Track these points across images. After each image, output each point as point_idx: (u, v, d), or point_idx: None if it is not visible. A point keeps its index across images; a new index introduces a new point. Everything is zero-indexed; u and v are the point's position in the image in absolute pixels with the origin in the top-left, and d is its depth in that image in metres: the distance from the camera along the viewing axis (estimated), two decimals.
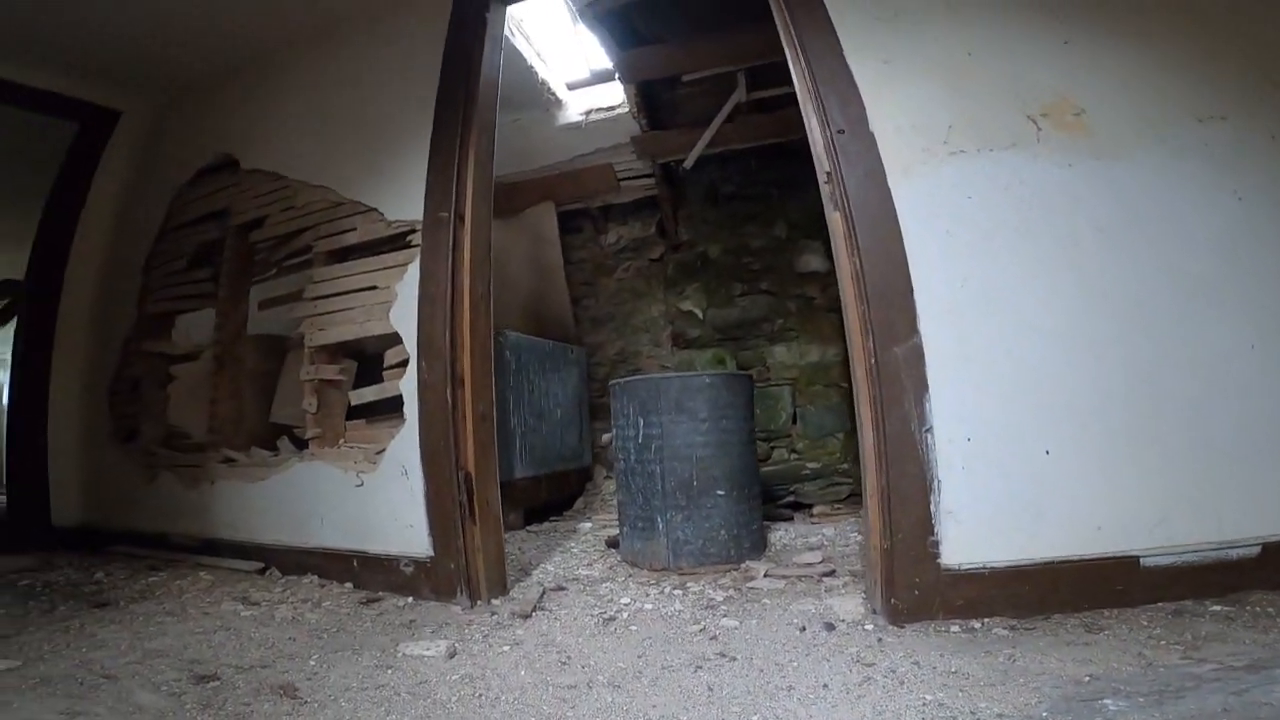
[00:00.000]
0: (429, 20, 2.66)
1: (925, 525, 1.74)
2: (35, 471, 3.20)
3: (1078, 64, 1.93)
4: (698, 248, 4.37)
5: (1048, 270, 1.82)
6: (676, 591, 2.23)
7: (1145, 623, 1.60)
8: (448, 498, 2.19)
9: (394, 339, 2.39)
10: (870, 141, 1.93)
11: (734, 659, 1.62)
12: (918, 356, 1.79)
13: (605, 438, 3.44)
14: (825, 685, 1.44)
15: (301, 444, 2.67)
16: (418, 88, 2.61)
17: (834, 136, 1.96)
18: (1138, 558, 1.69)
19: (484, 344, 2.30)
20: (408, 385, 2.32)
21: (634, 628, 1.92)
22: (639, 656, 1.68)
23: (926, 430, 1.76)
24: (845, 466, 3.83)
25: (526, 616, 2.03)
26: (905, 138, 1.94)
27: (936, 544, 1.73)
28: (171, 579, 2.52)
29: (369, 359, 2.63)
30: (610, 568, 2.62)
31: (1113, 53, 1.94)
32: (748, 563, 2.47)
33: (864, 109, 1.96)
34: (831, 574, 2.30)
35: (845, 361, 3.79)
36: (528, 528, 3.55)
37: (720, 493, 2.48)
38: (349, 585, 2.39)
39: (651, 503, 2.51)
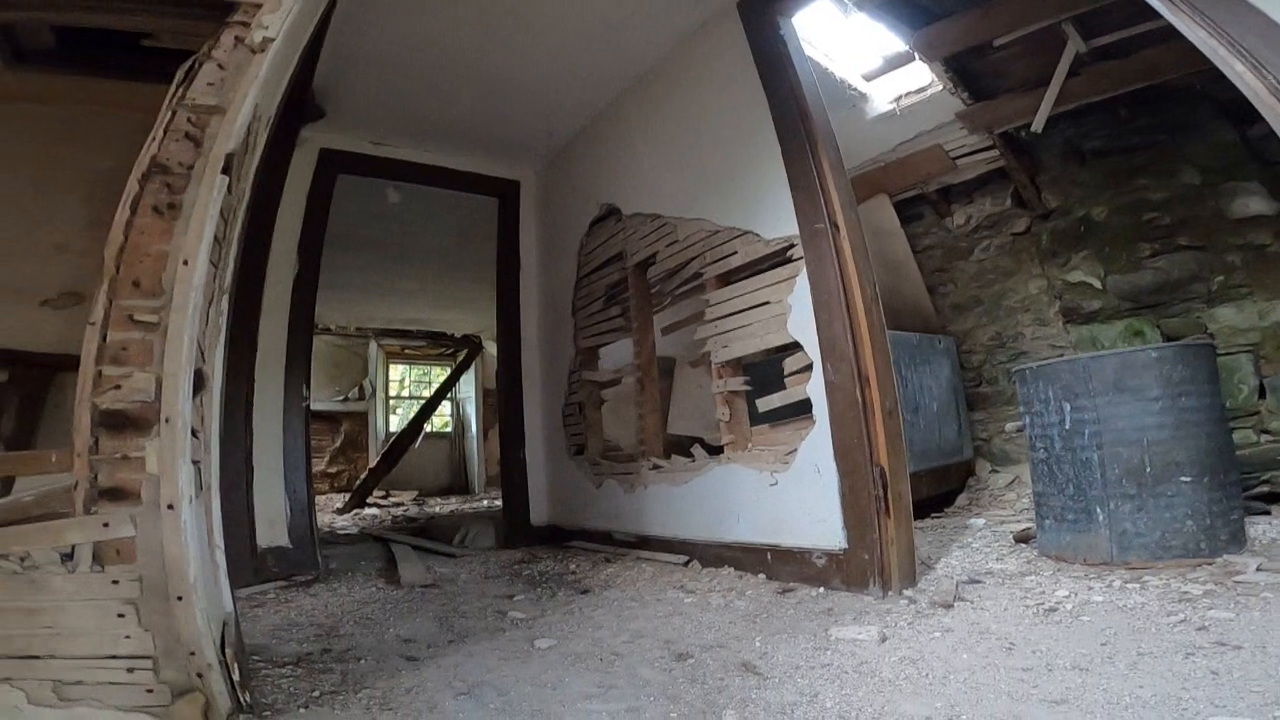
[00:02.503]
0: (724, 47, 2.92)
1: None
2: (519, 481, 4.15)
3: None
4: (1074, 213, 3.88)
5: None
6: (1131, 585, 2.03)
7: None
8: (862, 492, 2.29)
9: (793, 348, 2.58)
10: None
11: (1239, 647, 1.46)
12: None
13: (1010, 427, 3.22)
14: None
15: (711, 450, 3.02)
16: (744, 111, 2.82)
17: None
18: None
19: (881, 343, 2.36)
20: (814, 389, 2.48)
21: (1085, 618, 1.80)
22: (1103, 644, 1.59)
23: None
24: None
25: (948, 606, 2.02)
26: None
27: None
28: (622, 570, 3.01)
29: (747, 369, 2.92)
30: (1027, 562, 2.46)
31: None
32: (1225, 556, 2.13)
33: None
34: None
35: None
36: None
37: (1185, 479, 2.17)
38: (762, 576, 2.61)
39: (1087, 493, 2.30)
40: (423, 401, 9.13)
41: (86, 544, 1.29)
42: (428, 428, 9.05)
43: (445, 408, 10.10)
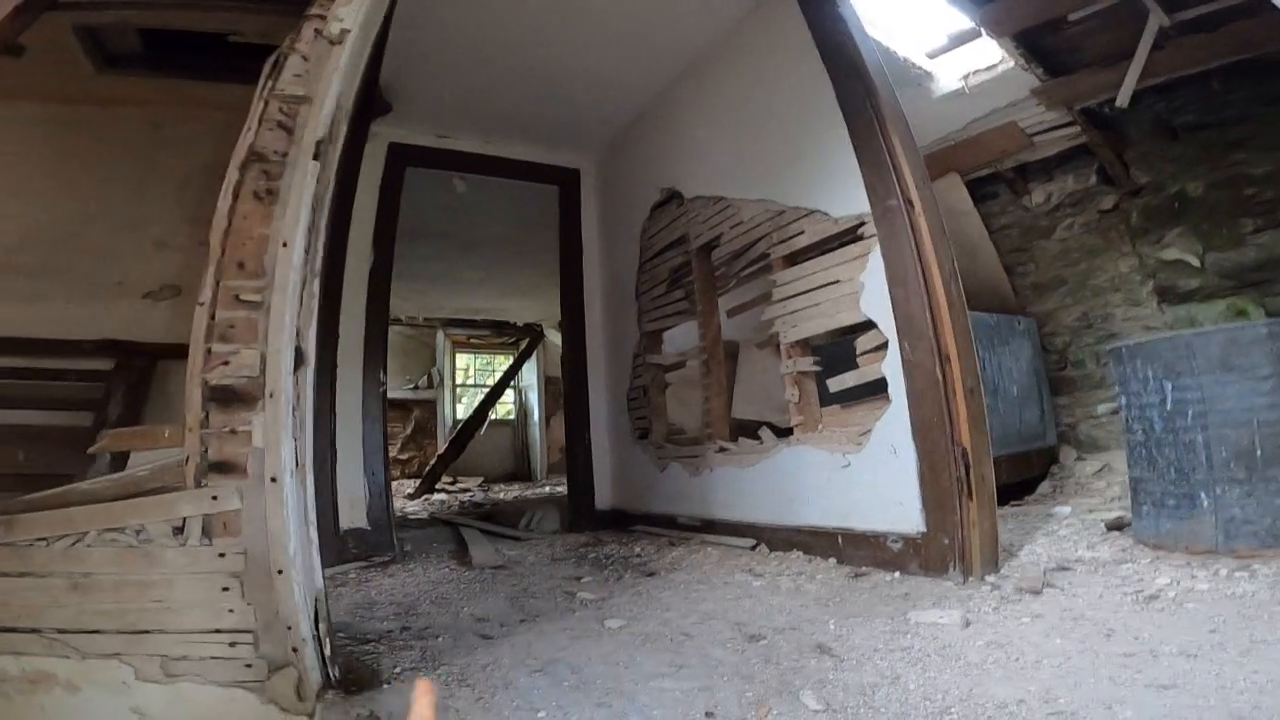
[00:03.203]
0: (780, 26, 2.88)
1: None
2: (584, 465, 4.20)
3: None
4: (1167, 189, 3.68)
5: None
6: (1240, 573, 1.91)
7: None
8: (943, 474, 2.21)
9: (866, 326, 2.52)
10: None
11: None
12: None
13: (1103, 409, 3.06)
14: None
15: (779, 433, 2.98)
16: (805, 89, 2.77)
17: None
18: None
19: (961, 319, 2.28)
20: (890, 368, 2.42)
21: (1190, 606, 1.72)
22: (1211, 631, 1.52)
23: None
24: None
25: (1037, 592, 1.94)
26: None
27: None
28: (688, 553, 3.00)
29: (814, 351, 2.88)
30: (1122, 550, 2.34)
31: None
32: None
33: None
34: None
35: None
36: None
37: None
38: (833, 560, 2.56)
39: (1190, 477, 2.18)
40: (487, 389, 9.34)
41: (196, 517, 1.34)
42: (492, 415, 9.26)
43: (508, 396, 10.31)
